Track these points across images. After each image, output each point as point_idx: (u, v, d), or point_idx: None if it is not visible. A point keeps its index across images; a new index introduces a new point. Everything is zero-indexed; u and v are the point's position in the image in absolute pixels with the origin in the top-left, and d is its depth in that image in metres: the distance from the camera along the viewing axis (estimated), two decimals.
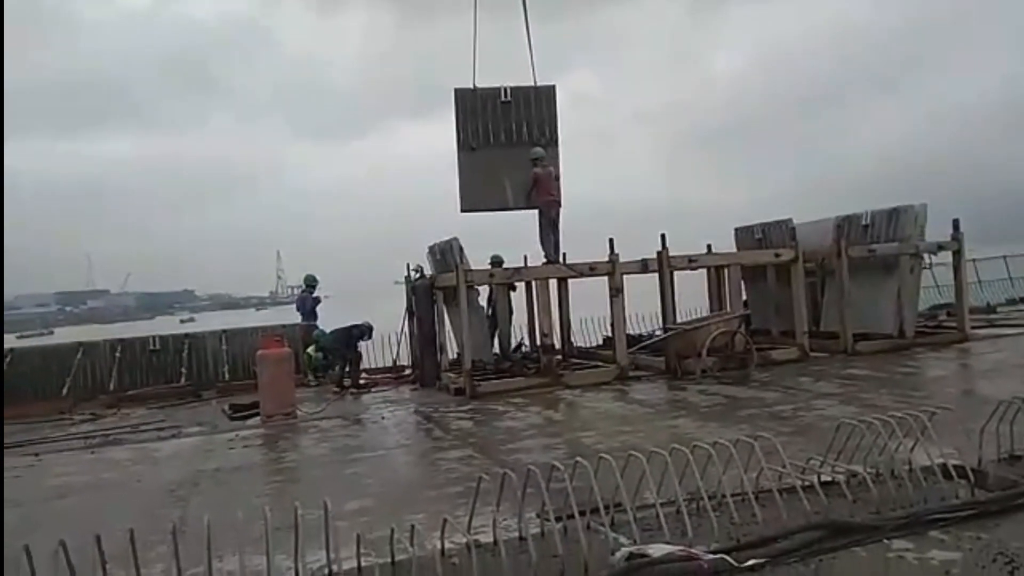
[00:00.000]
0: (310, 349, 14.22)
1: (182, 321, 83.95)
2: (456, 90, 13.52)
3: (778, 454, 5.16)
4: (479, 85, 13.58)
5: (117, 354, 14.71)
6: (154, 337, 15.30)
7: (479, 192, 13.35)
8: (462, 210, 13.48)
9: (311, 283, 15.97)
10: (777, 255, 13.20)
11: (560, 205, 13.09)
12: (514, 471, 5.95)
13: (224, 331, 15.58)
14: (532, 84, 13.80)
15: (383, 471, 7.26)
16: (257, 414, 10.75)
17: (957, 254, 13.58)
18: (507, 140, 13.38)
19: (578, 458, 4.70)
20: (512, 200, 13.27)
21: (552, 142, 13.54)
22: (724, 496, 4.66)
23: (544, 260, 12.89)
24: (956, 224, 13.62)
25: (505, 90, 13.52)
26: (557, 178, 13.18)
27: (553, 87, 13.87)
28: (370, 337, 14.06)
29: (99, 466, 8.39)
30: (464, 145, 13.32)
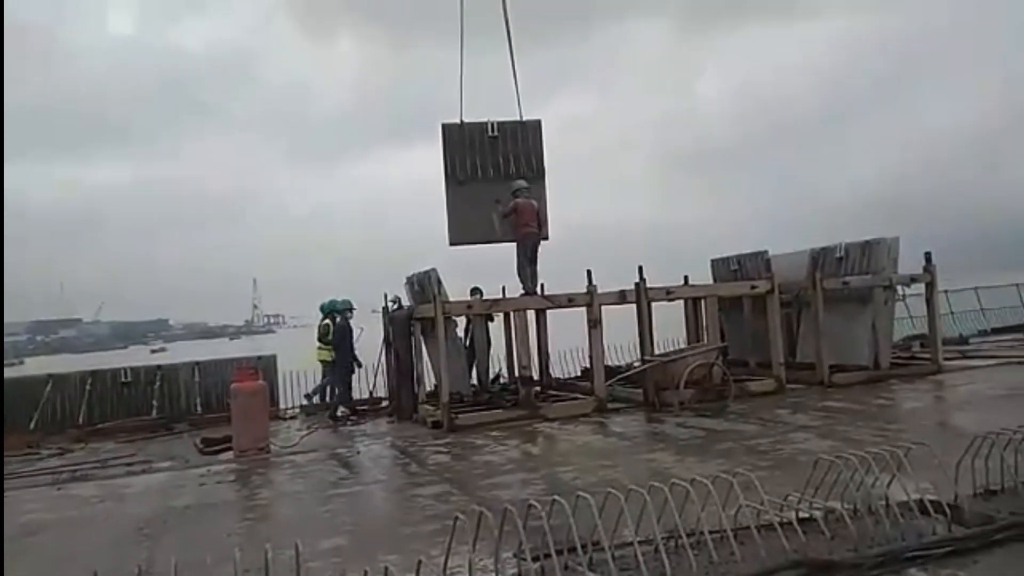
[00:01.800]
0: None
1: (153, 351, 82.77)
2: (443, 125, 13.59)
3: (756, 490, 5.14)
4: (466, 118, 13.68)
5: (88, 386, 14.41)
6: (126, 369, 15.01)
7: (467, 225, 13.38)
8: (451, 243, 13.49)
9: (346, 307, 14.67)
10: (753, 287, 13.29)
11: (541, 237, 13.06)
12: (491, 508, 5.88)
13: (197, 363, 15.33)
14: (518, 118, 13.91)
15: (358, 508, 7.15)
16: (230, 448, 10.56)
17: (930, 286, 13.76)
18: (495, 174, 13.45)
19: (556, 496, 4.65)
20: (500, 233, 13.31)
21: (539, 175, 13.63)
22: (703, 534, 4.62)
23: (522, 291, 12.87)
24: (928, 257, 13.81)
25: (492, 124, 13.62)
26: (539, 210, 13.13)
27: (539, 122, 13.99)
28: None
29: (66, 503, 8.17)
30: (452, 179, 13.36)
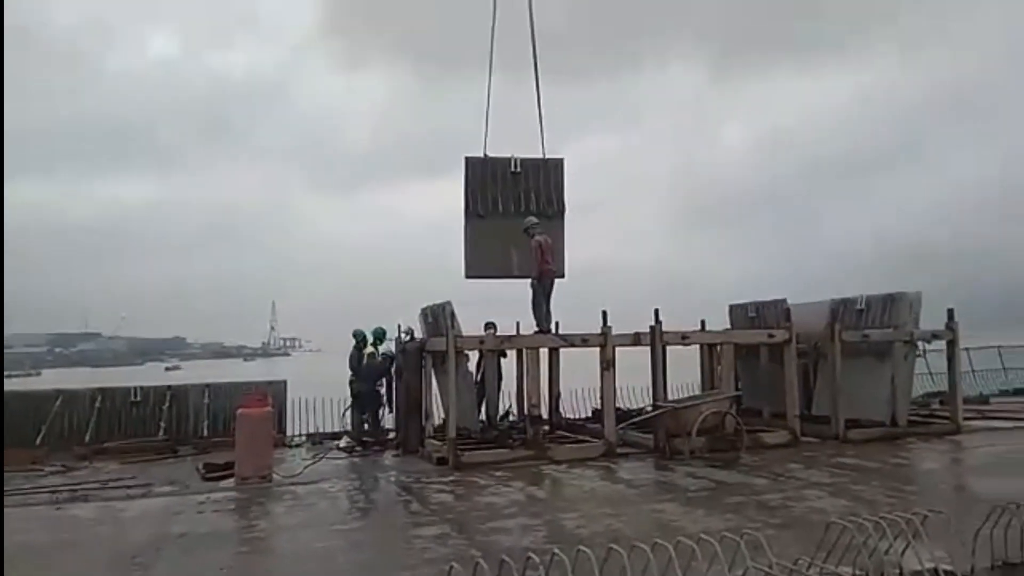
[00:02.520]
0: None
1: (167, 369, 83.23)
2: (467, 158, 13.62)
3: (764, 551, 4.96)
4: (491, 153, 13.71)
5: (97, 404, 14.39)
6: (136, 388, 14.99)
7: (484, 259, 13.35)
8: (467, 276, 13.45)
9: (380, 336, 14.40)
10: (771, 335, 13.09)
11: (556, 275, 12.88)
12: (490, 555, 5.73)
13: (208, 385, 15.29)
14: (542, 156, 13.92)
15: (356, 546, 7.00)
16: (232, 475, 10.45)
17: (951, 344, 13.50)
18: (515, 210, 13.43)
19: (555, 549, 4.50)
20: (517, 269, 13.24)
21: (559, 213, 13.60)
22: None
23: (535, 329, 12.75)
24: (951, 313, 13.57)
25: (515, 160, 13.64)
26: (554, 248, 12.99)
27: (561, 160, 14.00)
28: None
29: (62, 524, 8.08)
30: (472, 212, 13.35)
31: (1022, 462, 10.28)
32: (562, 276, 13.23)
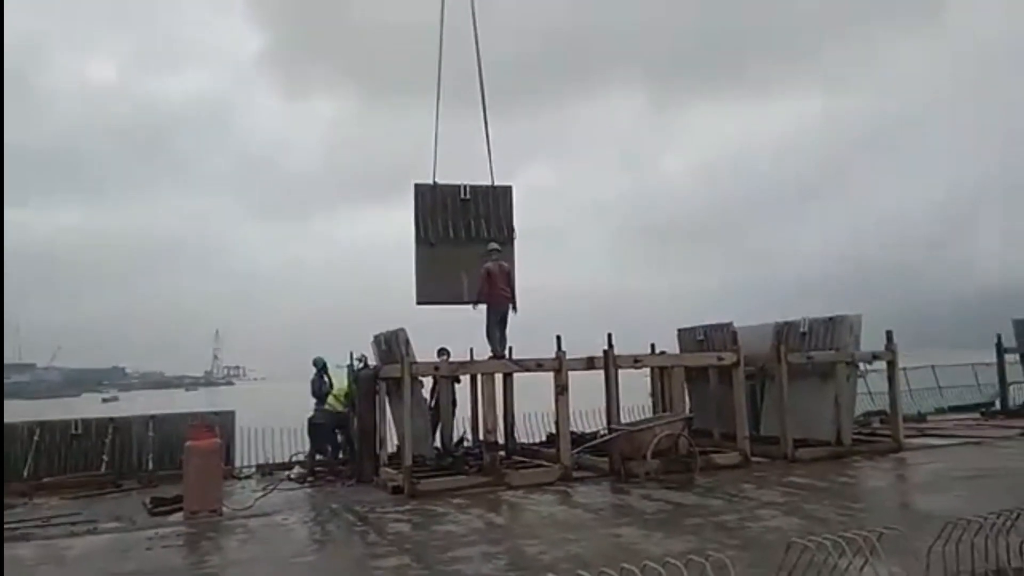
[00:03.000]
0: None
1: (104, 400, 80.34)
2: (416, 185, 13.65)
3: (728, 571, 5.03)
4: (440, 180, 13.75)
5: (36, 437, 13.84)
6: (77, 420, 14.47)
7: (435, 286, 13.35)
8: (418, 302, 13.43)
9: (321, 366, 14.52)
10: (720, 358, 13.34)
11: (510, 301, 12.93)
12: None
13: (152, 416, 14.85)
14: (490, 183, 14.02)
15: None
16: (180, 509, 10.16)
17: (891, 364, 13.93)
18: (466, 236, 13.50)
19: None
20: (468, 295, 13.25)
21: (509, 240, 13.70)
22: None
23: (490, 355, 12.77)
24: (890, 335, 14.02)
25: (465, 187, 13.72)
26: (510, 275, 13.08)
27: (510, 187, 14.14)
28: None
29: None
30: (423, 239, 13.35)
31: (963, 478, 10.61)
32: (515, 310, 12.96)
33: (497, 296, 12.72)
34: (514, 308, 12.93)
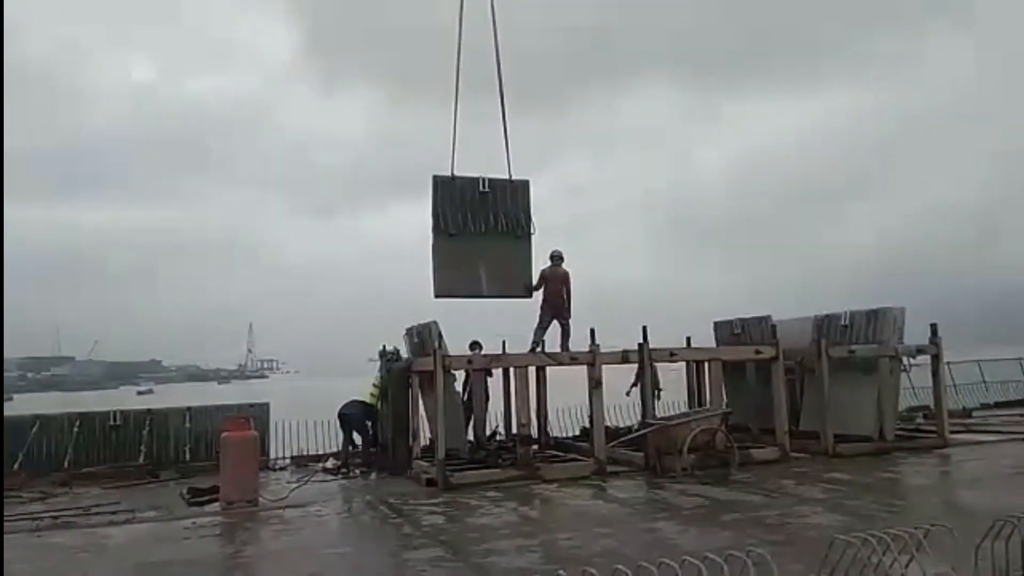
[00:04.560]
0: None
1: (139, 393, 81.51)
2: (435, 176, 13.54)
3: (768, 567, 4.89)
4: (461, 174, 13.64)
5: (76, 428, 14.07)
6: (115, 412, 14.69)
7: (454, 278, 13.24)
8: (436, 295, 13.32)
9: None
10: (758, 352, 13.11)
11: (563, 305, 13.03)
12: None
13: (188, 408, 15.02)
14: (508, 177, 13.86)
15: (347, 571, 6.84)
16: (217, 500, 10.24)
17: (936, 358, 13.59)
18: (484, 229, 13.37)
19: (560, 572, 4.40)
20: (486, 288, 13.17)
21: (526, 235, 13.54)
22: None
23: (531, 347, 12.77)
24: (934, 329, 13.67)
25: (483, 180, 13.58)
26: (567, 280, 13.20)
27: (527, 181, 13.94)
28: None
29: (44, 552, 7.83)
30: (441, 231, 13.25)
31: (1011, 475, 10.31)
32: (567, 311, 13.15)
33: (550, 298, 12.99)
34: (568, 314, 13.05)
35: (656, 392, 12.67)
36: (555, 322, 13.08)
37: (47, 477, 12.91)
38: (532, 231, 13.51)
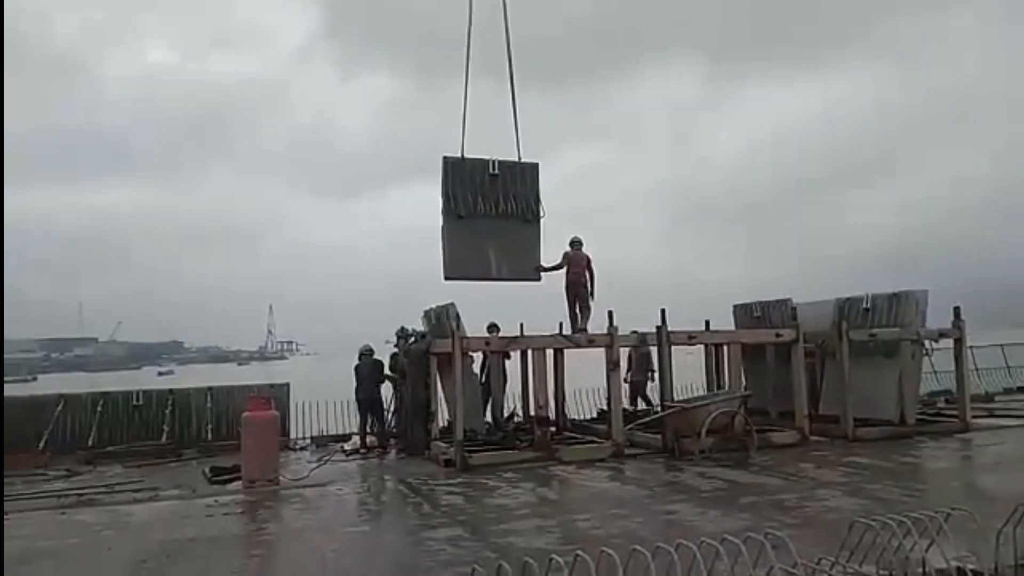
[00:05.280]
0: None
1: (160, 373, 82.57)
2: (445, 157, 13.47)
3: (787, 550, 4.88)
4: (470, 155, 13.56)
5: (99, 408, 14.29)
6: (138, 392, 14.90)
7: (464, 260, 13.21)
8: (446, 277, 13.30)
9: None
10: (778, 335, 13.02)
11: (585, 286, 13.28)
12: (507, 557, 5.65)
13: (210, 388, 15.20)
14: (518, 159, 13.76)
15: (367, 549, 6.91)
16: (239, 478, 10.36)
17: (958, 342, 13.44)
18: (495, 212, 13.33)
19: (579, 551, 4.41)
20: (495, 271, 13.14)
21: (535, 218, 13.47)
22: None
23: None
24: (957, 312, 13.51)
25: (493, 163, 13.50)
26: (588, 263, 13.42)
27: (536, 164, 13.83)
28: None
29: (68, 529, 7.97)
30: (451, 212, 13.21)
31: None
32: (590, 292, 13.35)
33: (571, 279, 13.21)
34: (591, 295, 13.31)
35: (650, 374, 12.75)
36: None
37: (71, 455, 13.15)
38: (541, 214, 13.46)
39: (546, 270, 13.29)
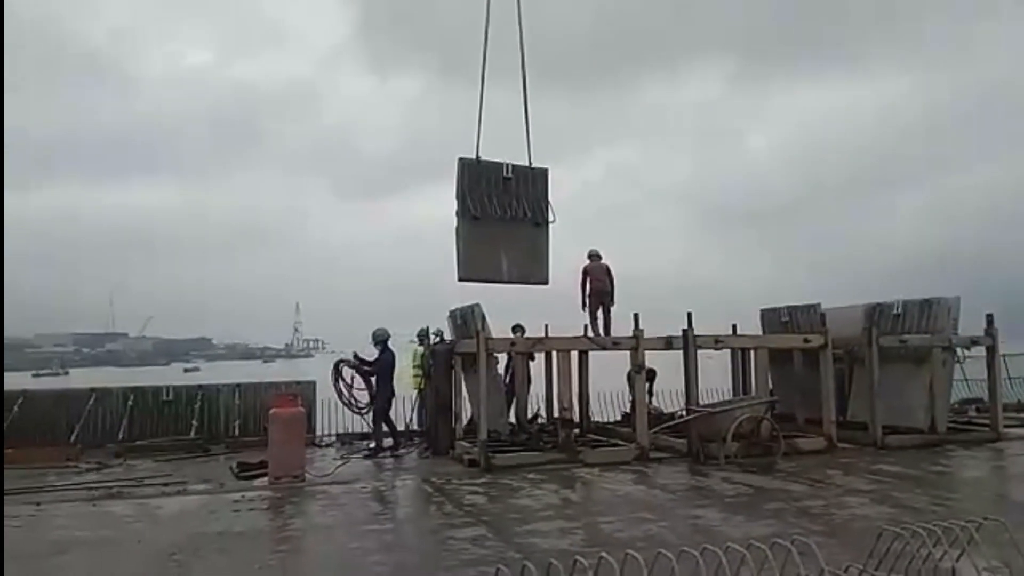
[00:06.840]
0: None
1: (186, 370, 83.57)
2: (460, 159, 13.48)
3: (813, 557, 4.84)
4: (493, 157, 13.55)
5: (130, 402, 14.53)
6: (168, 387, 15.13)
7: (478, 261, 13.20)
8: (460, 279, 13.29)
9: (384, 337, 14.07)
10: (807, 340, 12.90)
11: (607, 292, 14.02)
12: (530, 558, 5.65)
13: (238, 385, 15.38)
14: (528, 163, 13.72)
15: (391, 547, 6.95)
16: (265, 474, 10.47)
17: (991, 350, 13.23)
18: (509, 215, 13.32)
19: (603, 554, 4.41)
20: (507, 274, 13.12)
21: (544, 222, 13.44)
22: None
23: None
24: (990, 319, 13.30)
25: (508, 166, 13.51)
26: (608, 271, 14.22)
27: (546, 169, 13.77)
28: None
29: (100, 520, 8.11)
30: (466, 214, 13.21)
31: None
32: (611, 297, 14.02)
33: (593, 286, 13.96)
34: (612, 301, 14.06)
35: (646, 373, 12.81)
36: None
37: (102, 448, 13.37)
38: (551, 219, 13.45)
39: (584, 298, 14.03)
